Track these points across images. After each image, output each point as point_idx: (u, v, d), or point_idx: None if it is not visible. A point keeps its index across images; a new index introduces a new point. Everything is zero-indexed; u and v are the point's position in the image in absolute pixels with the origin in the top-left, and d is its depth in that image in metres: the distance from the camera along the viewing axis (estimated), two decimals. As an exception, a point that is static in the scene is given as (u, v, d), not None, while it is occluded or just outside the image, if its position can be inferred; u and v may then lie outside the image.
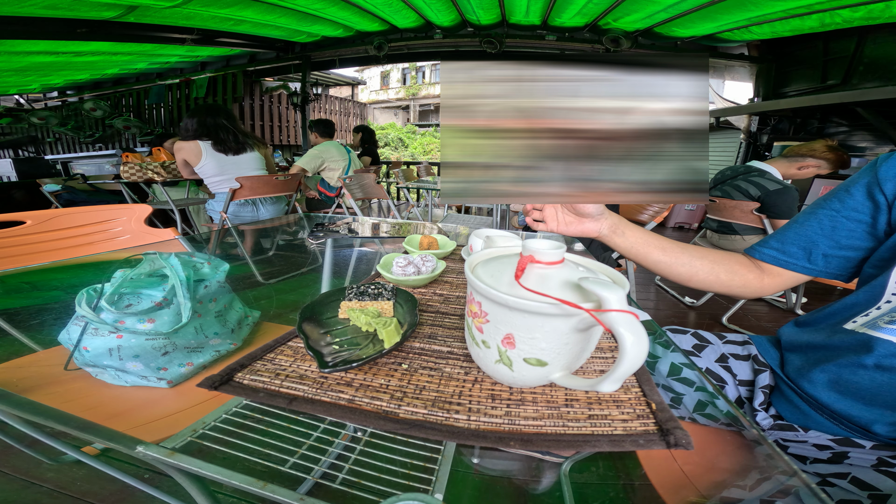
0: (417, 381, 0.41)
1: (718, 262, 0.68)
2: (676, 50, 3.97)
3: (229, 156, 2.01)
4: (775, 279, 0.67)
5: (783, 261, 0.65)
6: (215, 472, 0.32)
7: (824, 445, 0.55)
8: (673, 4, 3.09)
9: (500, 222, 2.69)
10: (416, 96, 18.87)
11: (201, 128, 1.94)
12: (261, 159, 2.18)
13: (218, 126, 1.95)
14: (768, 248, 0.67)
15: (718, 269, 0.68)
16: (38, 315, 0.61)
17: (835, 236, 0.61)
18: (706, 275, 0.68)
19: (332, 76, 10.34)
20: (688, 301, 2.51)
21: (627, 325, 0.30)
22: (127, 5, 3.02)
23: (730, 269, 0.68)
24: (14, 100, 7.18)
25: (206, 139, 1.95)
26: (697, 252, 0.69)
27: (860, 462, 0.52)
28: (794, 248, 0.65)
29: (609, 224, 0.69)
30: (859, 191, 0.59)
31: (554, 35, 4.13)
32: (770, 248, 0.67)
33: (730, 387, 0.69)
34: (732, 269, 0.68)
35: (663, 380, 0.51)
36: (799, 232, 0.64)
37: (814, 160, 1.85)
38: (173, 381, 0.44)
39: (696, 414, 0.43)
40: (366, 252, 1.03)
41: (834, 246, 0.61)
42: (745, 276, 0.68)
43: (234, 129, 2.00)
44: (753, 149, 4.67)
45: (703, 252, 0.69)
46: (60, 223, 1.07)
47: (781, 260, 0.65)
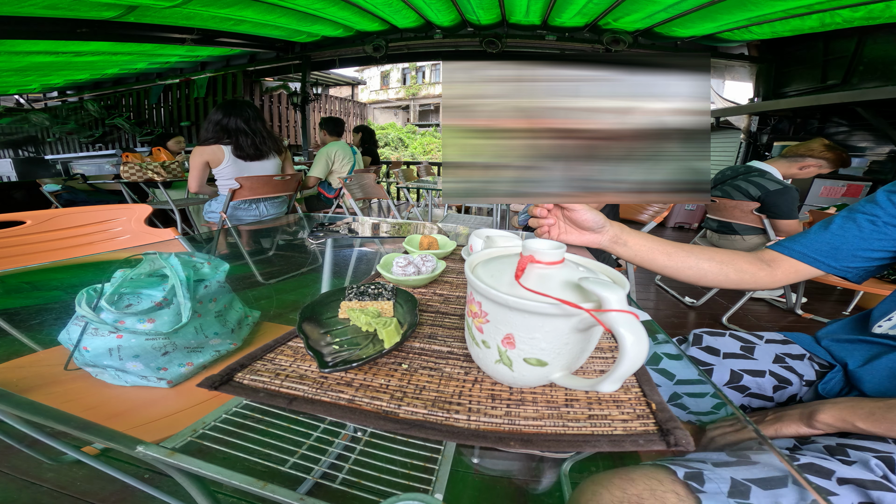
0: (417, 381, 0.41)
1: (726, 262, 0.70)
2: (677, 50, 3.97)
3: (248, 162, 2.00)
4: (790, 274, 0.69)
5: (810, 258, 0.68)
6: (215, 472, 0.32)
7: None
8: (673, 4, 3.09)
9: (500, 222, 2.69)
10: (416, 96, 18.87)
11: (223, 131, 1.92)
12: (279, 165, 2.17)
13: (239, 130, 1.93)
14: (798, 245, 0.69)
15: (727, 270, 0.70)
16: (38, 315, 0.61)
17: (871, 239, 0.63)
18: (715, 275, 0.70)
19: (332, 76, 10.35)
20: (688, 301, 2.51)
21: (627, 325, 0.30)
22: (127, 5, 3.02)
23: (738, 269, 0.70)
24: (14, 100, 7.18)
25: (227, 143, 1.94)
26: (704, 254, 0.71)
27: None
28: (825, 247, 0.67)
29: (610, 236, 0.71)
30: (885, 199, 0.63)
31: (554, 35, 4.13)
32: (799, 245, 0.69)
33: (794, 387, 0.69)
34: (741, 267, 0.70)
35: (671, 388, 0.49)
36: (836, 233, 0.67)
37: (814, 160, 1.85)
38: (173, 381, 0.44)
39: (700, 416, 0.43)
40: (366, 252, 1.03)
41: (866, 248, 0.64)
42: (756, 274, 0.70)
43: (254, 133, 1.97)
44: (753, 149, 4.67)
45: (709, 253, 0.71)
46: (60, 223, 1.07)
47: (809, 257, 0.68)
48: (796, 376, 0.70)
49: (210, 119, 1.95)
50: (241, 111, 1.93)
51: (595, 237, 0.71)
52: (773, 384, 0.69)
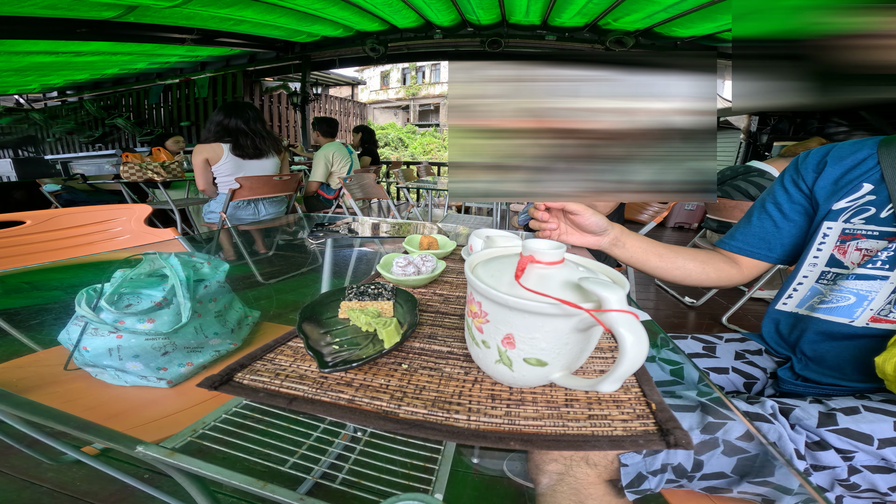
0: (417, 381, 0.41)
1: (707, 262, 0.75)
2: (677, 50, 3.97)
3: (247, 160, 2.06)
4: (751, 269, 0.75)
5: (749, 251, 0.73)
6: (215, 472, 0.31)
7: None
8: (673, 4, 3.09)
9: (500, 222, 2.69)
10: (416, 96, 18.86)
11: (223, 130, 2.00)
12: (277, 164, 2.21)
13: (239, 131, 2.00)
14: (735, 241, 0.75)
15: (708, 269, 0.75)
16: (38, 315, 0.61)
17: (785, 228, 0.69)
18: (698, 274, 0.75)
19: (332, 76, 10.34)
20: (687, 301, 2.51)
21: (627, 325, 0.30)
22: (127, 5, 3.02)
23: (717, 268, 0.75)
24: (14, 100, 7.18)
25: (227, 141, 2.01)
26: (689, 255, 0.75)
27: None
28: (755, 240, 0.73)
29: (611, 238, 0.73)
30: (790, 185, 0.69)
31: (554, 35, 4.13)
32: (736, 241, 0.75)
33: (760, 382, 0.71)
34: (718, 266, 0.75)
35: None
36: (757, 225, 0.73)
37: (812, 159, 1.85)
38: (173, 381, 0.44)
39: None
40: (366, 252, 1.03)
41: (787, 235, 0.70)
42: (729, 272, 0.75)
43: (254, 133, 2.04)
44: (753, 149, 4.67)
45: (693, 254, 0.76)
46: (60, 223, 1.07)
47: (748, 251, 0.74)
48: (759, 370, 0.71)
49: (212, 120, 2.03)
50: (241, 112, 2.01)
51: (596, 239, 0.72)
52: (742, 381, 0.70)
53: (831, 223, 0.61)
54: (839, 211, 0.60)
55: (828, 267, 0.61)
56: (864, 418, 0.46)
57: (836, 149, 0.64)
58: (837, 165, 0.62)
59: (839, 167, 0.62)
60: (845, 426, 0.45)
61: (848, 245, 0.59)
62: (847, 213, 0.59)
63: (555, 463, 0.34)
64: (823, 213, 0.63)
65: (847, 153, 0.62)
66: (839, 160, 0.62)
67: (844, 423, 0.46)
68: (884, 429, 0.45)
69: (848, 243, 0.59)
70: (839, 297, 0.58)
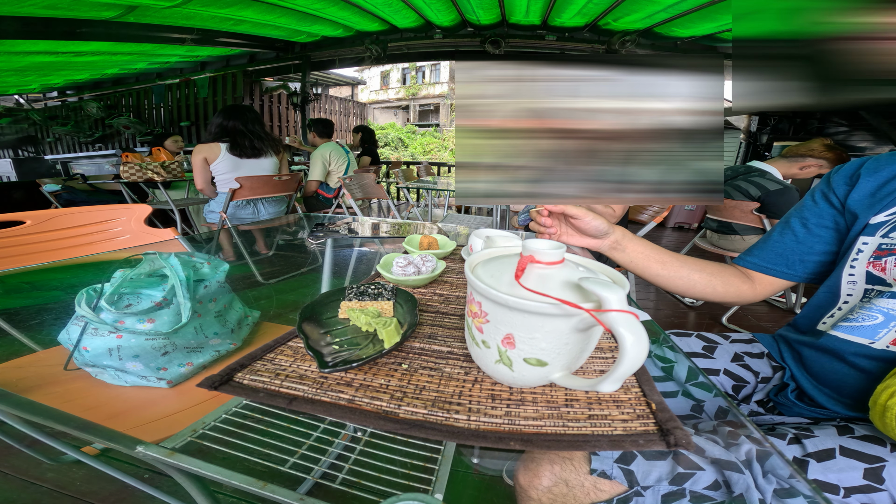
0: (417, 381, 0.41)
1: (715, 274, 0.72)
2: (676, 50, 3.97)
3: (244, 159, 2.08)
4: (766, 287, 0.72)
5: (766, 268, 0.71)
6: (215, 472, 0.31)
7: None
8: (673, 4, 3.09)
9: (500, 222, 2.69)
10: (416, 96, 18.85)
11: (222, 131, 2.05)
12: (276, 164, 2.23)
13: (237, 131, 2.05)
14: (752, 256, 0.73)
15: (715, 282, 0.72)
16: (38, 315, 0.61)
17: (808, 242, 0.67)
18: (703, 287, 0.72)
19: (332, 76, 10.34)
20: (688, 301, 2.51)
21: (627, 325, 0.30)
22: (127, 5, 3.02)
23: (725, 281, 0.72)
24: (14, 100, 7.18)
25: (225, 141, 2.05)
26: (696, 265, 0.72)
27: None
28: (773, 256, 0.70)
29: (611, 241, 0.72)
30: (820, 199, 0.66)
31: (554, 35, 4.13)
32: (753, 257, 0.73)
33: (750, 386, 0.70)
34: (728, 280, 0.72)
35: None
36: (778, 241, 0.70)
37: (814, 160, 1.85)
38: (173, 381, 0.44)
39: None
40: (366, 252, 1.03)
41: (809, 252, 0.67)
42: (740, 287, 0.72)
43: (251, 134, 2.08)
44: (753, 149, 4.67)
45: (700, 265, 0.73)
46: (60, 223, 1.07)
47: (764, 268, 0.71)
48: (752, 374, 0.70)
49: (213, 122, 2.10)
50: (240, 114, 2.08)
51: (597, 242, 0.71)
52: (731, 384, 0.70)
53: (868, 238, 0.58)
54: (877, 225, 0.58)
55: (869, 284, 0.57)
56: (836, 465, 0.46)
57: (870, 161, 0.62)
58: (872, 177, 0.60)
59: (874, 179, 0.60)
60: (814, 477, 0.46)
61: (885, 261, 0.56)
62: (885, 227, 0.56)
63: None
64: (860, 227, 0.60)
65: (883, 165, 0.60)
66: (874, 172, 0.60)
67: (814, 472, 0.46)
68: (852, 477, 0.45)
69: (885, 259, 0.56)
70: (867, 315, 0.55)
